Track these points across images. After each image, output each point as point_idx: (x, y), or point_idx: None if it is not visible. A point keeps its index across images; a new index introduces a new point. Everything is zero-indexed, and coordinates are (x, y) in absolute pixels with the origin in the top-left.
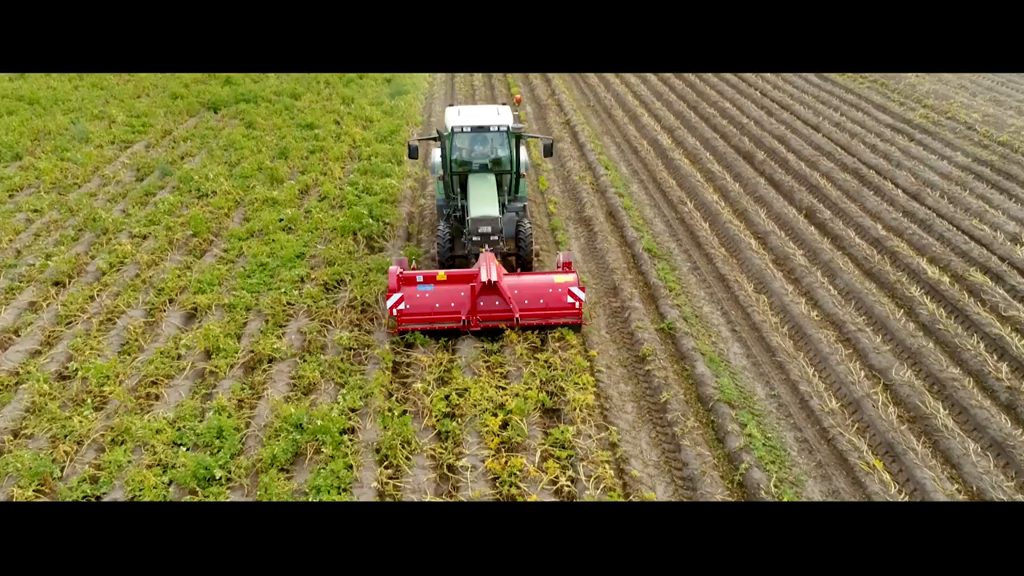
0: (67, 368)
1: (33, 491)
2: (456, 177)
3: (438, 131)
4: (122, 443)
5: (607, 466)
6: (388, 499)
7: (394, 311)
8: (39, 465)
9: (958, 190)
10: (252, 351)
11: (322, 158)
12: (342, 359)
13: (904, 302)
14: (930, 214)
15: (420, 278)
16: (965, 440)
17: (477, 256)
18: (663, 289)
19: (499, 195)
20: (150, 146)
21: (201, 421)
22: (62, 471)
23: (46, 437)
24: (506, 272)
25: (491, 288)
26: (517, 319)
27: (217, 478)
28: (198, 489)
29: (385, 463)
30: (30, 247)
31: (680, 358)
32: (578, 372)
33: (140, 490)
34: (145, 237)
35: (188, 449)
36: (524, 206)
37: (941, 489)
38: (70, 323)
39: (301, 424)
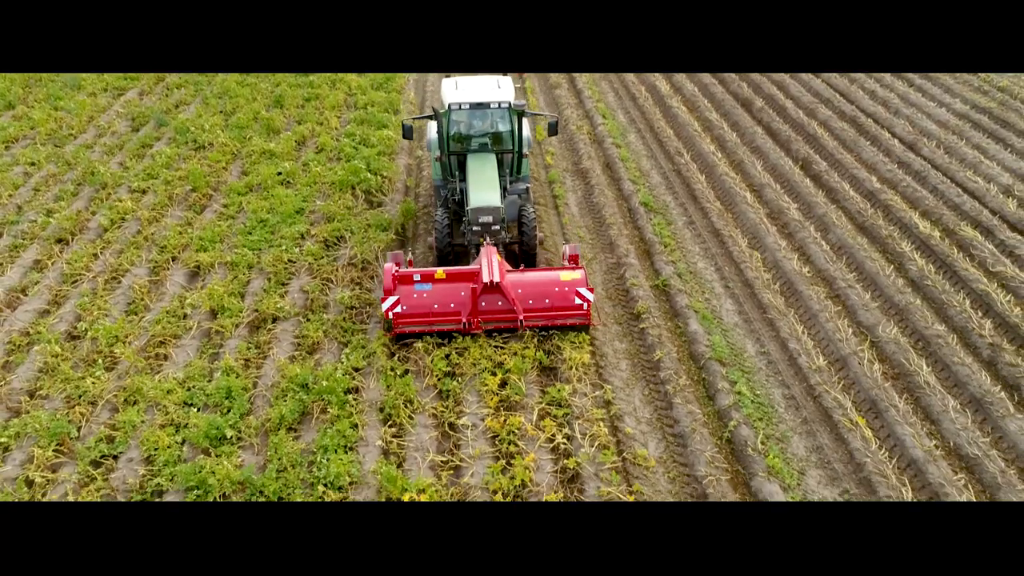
0: (76, 328)
1: (53, 451)
2: (454, 157)
3: (434, 109)
4: (135, 403)
5: (602, 424)
6: (392, 457)
7: (389, 314)
8: (56, 426)
9: (955, 139)
10: (256, 310)
11: (318, 107)
12: (344, 318)
13: (894, 257)
14: (925, 165)
15: (417, 276)
16: (945, 396)
17: (477, 248)
18: (658, 245)
19: (500, 176)
20: (144, 93)
21: (210, 381)
22: (79, 431)
23: (61, 398)
24: (509, 268)
25: (494, 288)
26: (521, 321)
27: (228, 437)
28: (211, 448)
29: (389, 422)
30: (30, 202)
31: (674, 315)
32: (574, 331)
33: (155, 449)
34: (144, 192)
35: (199, 409)
36: (527, 188)
37: (919, 445)
38: (76, 282)
39: (307, 384)
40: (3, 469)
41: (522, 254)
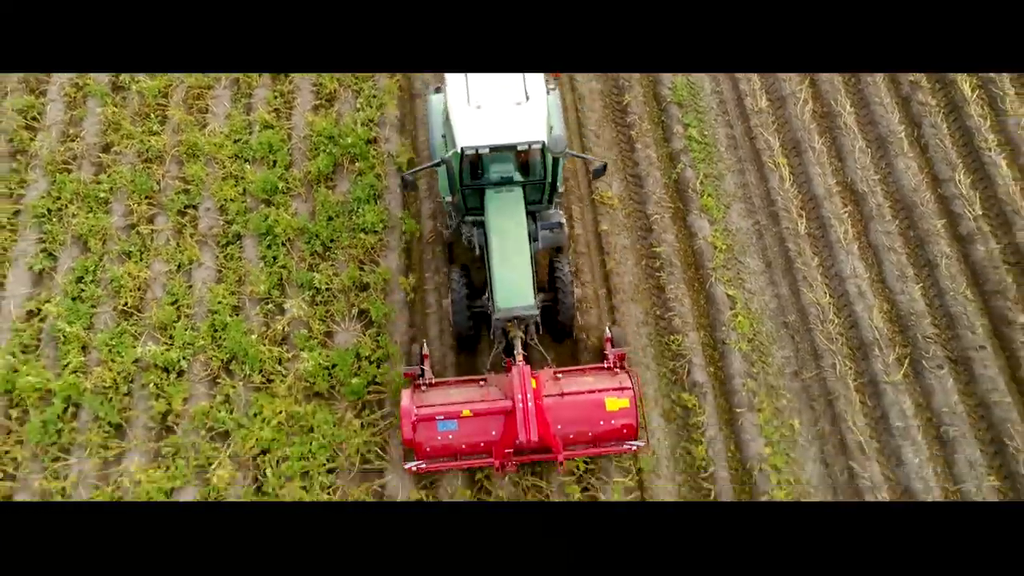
0: (118, 79)
1: (146, 204)
2: (470, 192)
3: (442, 159)
4: (195, 156)
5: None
6: (412, 207)
7: (413, 469)
8: (141, 181)
9: None
10: None
11: None
12: None
13: None
14: None
15: (440, 417)
16: (856, 137)
17: (504, 332)
18: None
19: (528, 218)
20: None
21: (251, 134)
22: (159, 184)
23: (132, 153)
24: (549, 373)
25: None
26: (562, 463)
27: (280, 188)
28: (270, 198)
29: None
30: None
31: None
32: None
33: (225, 200)
34: None
35: (249, 163)
36: (561, 224)
37: (823, 184)
38: None
39: (332, 136)
40: (113, 220)
41: (557, 323)
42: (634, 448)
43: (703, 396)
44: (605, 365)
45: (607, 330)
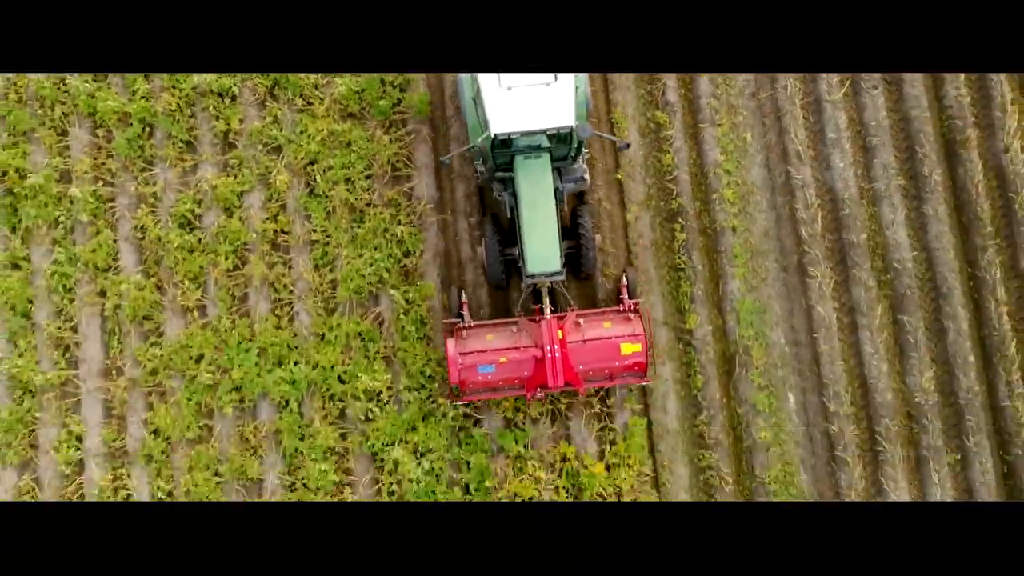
0: None
1: None
2: (501, 157)
3: (475, 145)
4: None
5: None
6: None
7: (459, 403)
8: None
9: None
10: None
11: None
12: None
13: None
14: None
15: (480, 366)
16: None
17: (533, 289)
18: None
19: (555, 182)
20: None
21: None
22: None
23: None
24: (573, 315)
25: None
26: (583, 394)
27: None
28: None
29: None
30: None
31: None
32: None
33: None
34: None
35: None
36: (584, 177)
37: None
38: None
39: None
40: None
41: (581, 269)
42: (644, 382)
43: (673, 114)
44: (620, 309)
45: (623, 277)
